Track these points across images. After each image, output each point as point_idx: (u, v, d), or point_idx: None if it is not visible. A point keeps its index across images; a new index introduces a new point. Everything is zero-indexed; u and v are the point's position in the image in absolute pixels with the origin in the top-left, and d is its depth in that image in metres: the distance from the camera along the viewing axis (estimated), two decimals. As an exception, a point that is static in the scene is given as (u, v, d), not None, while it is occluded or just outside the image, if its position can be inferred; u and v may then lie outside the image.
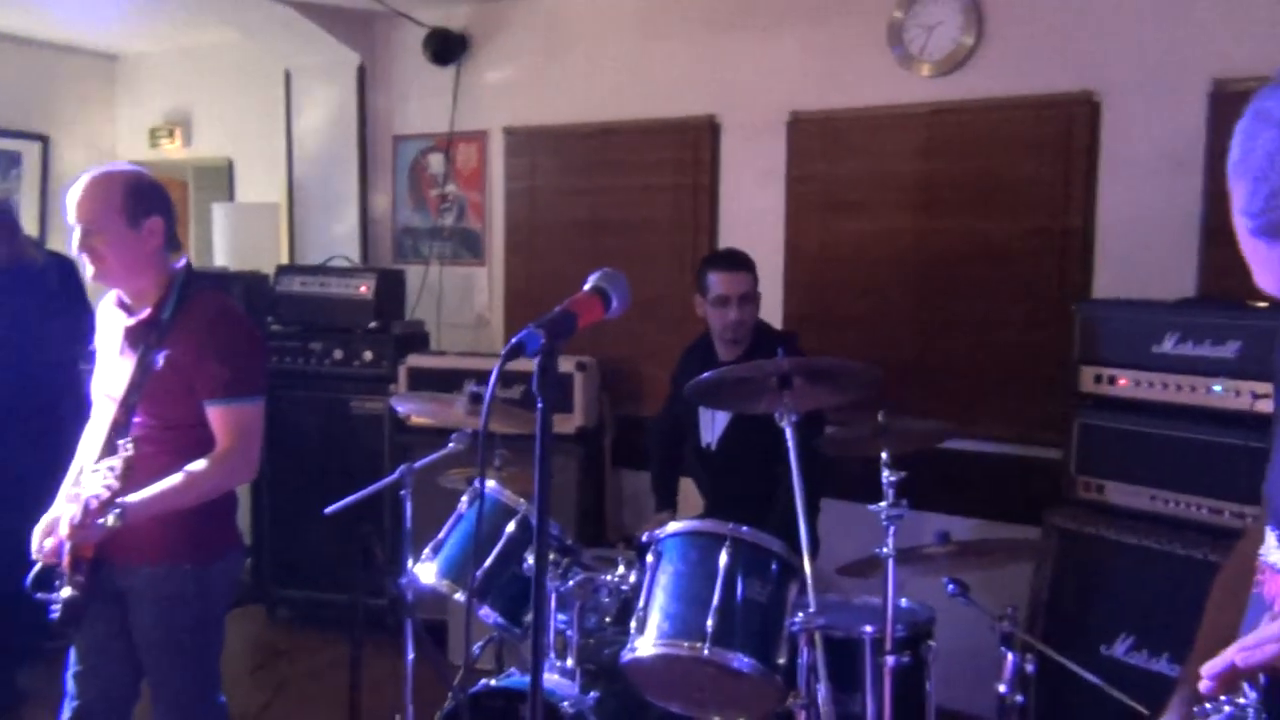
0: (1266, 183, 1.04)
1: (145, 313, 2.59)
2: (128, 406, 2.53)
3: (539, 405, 1.34)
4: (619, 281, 1.53)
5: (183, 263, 2.68)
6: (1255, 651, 0.96)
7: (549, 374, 1.34)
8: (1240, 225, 1.09)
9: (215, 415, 2.56)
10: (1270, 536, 1.29)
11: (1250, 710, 0.98)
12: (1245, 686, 1.01)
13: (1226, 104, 3.52)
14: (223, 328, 2.62)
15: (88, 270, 2.56)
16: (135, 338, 2.59)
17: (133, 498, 2.42)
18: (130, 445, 2.36)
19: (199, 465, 2.52)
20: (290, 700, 4.24)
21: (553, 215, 5.03)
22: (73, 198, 2.54)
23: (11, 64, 6.06)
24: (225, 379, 2.55)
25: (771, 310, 4.27)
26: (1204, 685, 1.00)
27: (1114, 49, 3.75)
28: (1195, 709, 1.15)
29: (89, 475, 2.45)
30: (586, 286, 1.53)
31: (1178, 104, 3.63)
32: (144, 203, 2.59)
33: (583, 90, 4.92)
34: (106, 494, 2.36)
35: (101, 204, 2.54)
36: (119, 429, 2.52)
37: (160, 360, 2.53)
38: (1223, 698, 1.07)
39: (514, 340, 1.34)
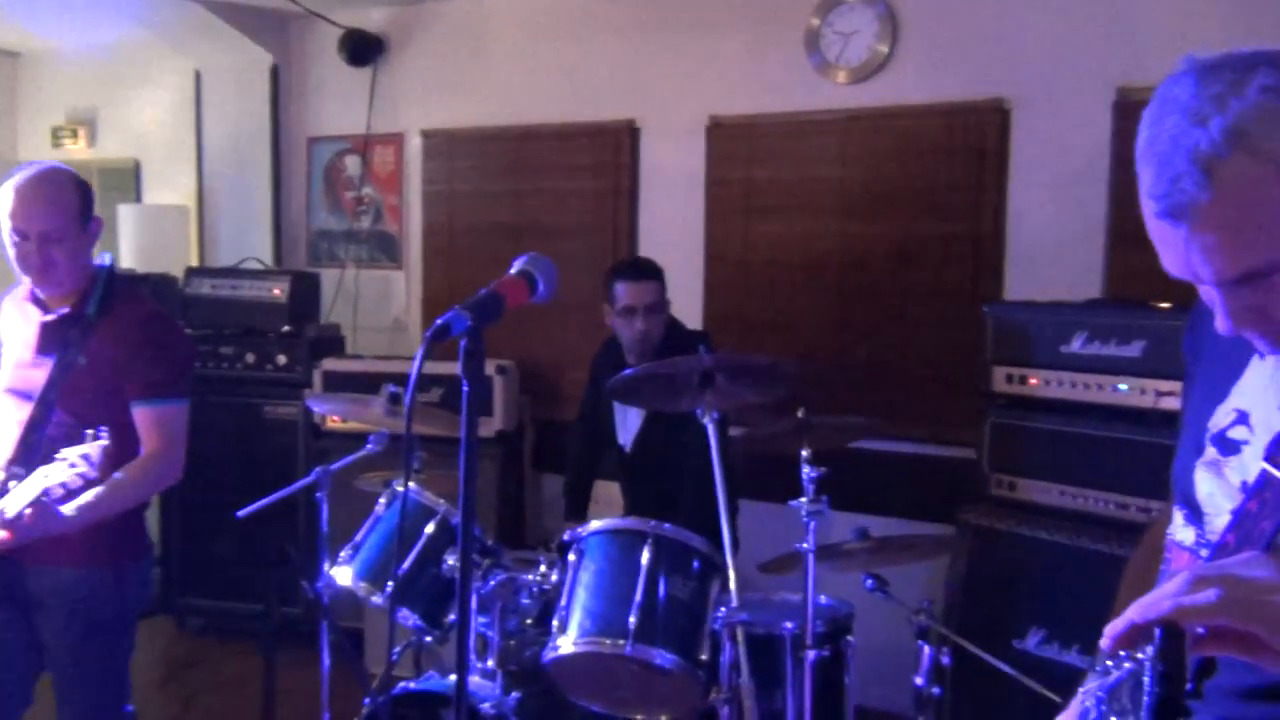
0: (1171, 166, 1.07)
1: (65, 309, 2.51)
2: (46, 404, 2.44)
3: (464, 388, 1.32)
4: (546, 266, 1.52)
5: (107, 260, 2.60)
6: (1152, 607, 0.98)
7: (475, 357, 1.32)
8: (1147, 208, 1.12)
9: (143, 416, 2.50)
10: (1177, 515, 1.33)
11: (1147, 664, 1.00)
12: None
13: (1131, 112, 3.64)
14: (155, 328, 2.58)
15: (30, 275, 2.45)
16: (54, 334, 2.49)
17: (68, 506, 2.33)
18: (105, 433, 2.26)
19: (131, 469, 2.46)
20: (200, 713, 4.13)
21: (472, 219, 4.99)
22: (28, 203, 2.43)
23: (-96, 59, 5.83)
24: (155, 380, 2.50)
25: (691, 313, 4.29)
26: (1104, 643, 1.02)
27: (1023, 58, 3.85)
28: (1096, 667, 1.17)
29: (52, 467, 2.27)
30: (513, 270, 1.51)
31: (1084, 112, 3.73)
32: (90, 203, 2.54)
33: (501, 93, 4.90)
34: (80, 483, 2.25)
35: (62, 210, 2.45)
36: (36, 427, 2.43)
37: (84, 358, 2.45)
38: (1122, 653, 1.09)
39: (439, 321, 1.32)
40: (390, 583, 2.69)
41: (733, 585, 2.43)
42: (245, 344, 4.82)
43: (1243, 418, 1.23)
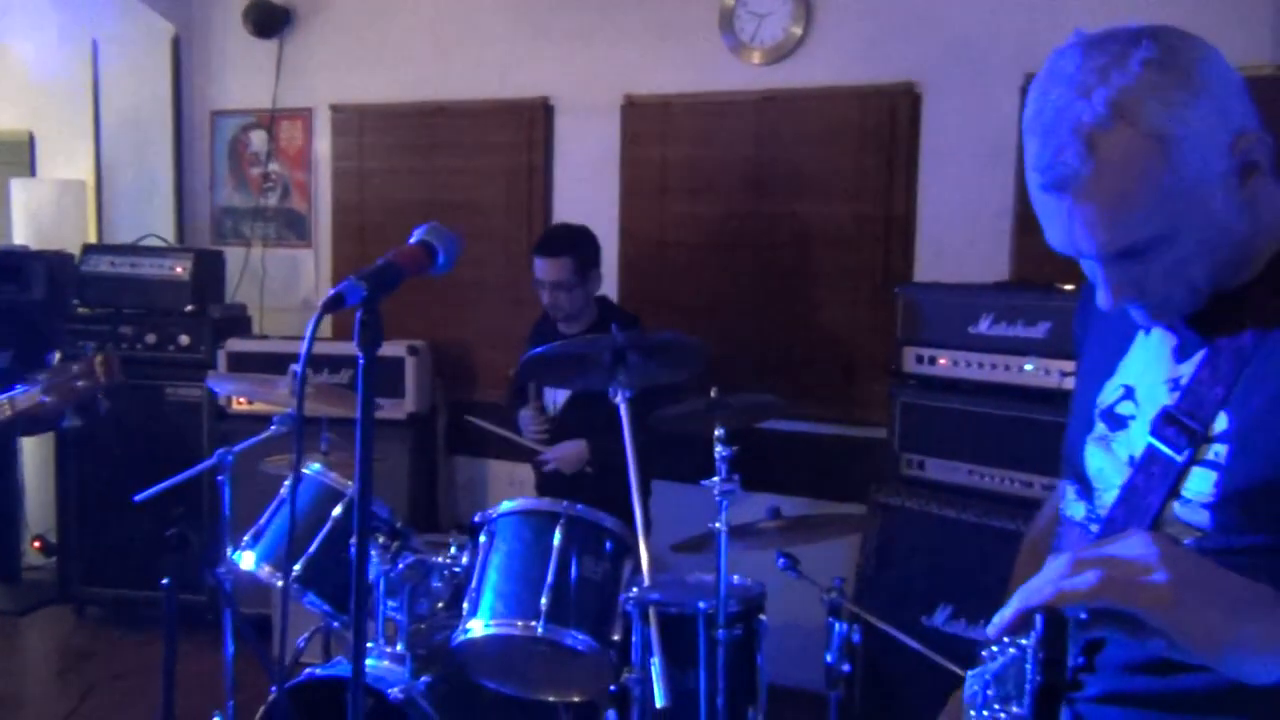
0: (1054, 138, 1.06)
1: None
2: None
3: (360, 361, 1.28)
4: (446, 236, 1.48)
5: None
6: (1035, 593, 0.99)
7: (370, 329, 1.28)
8: (1032, 181, 1.11)
9: None
10: (1069, 491, 1.35)
11: (1029, 650, 1.01)
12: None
13: (1036, 97, 3.71)
14: None
15: None
16: None
17: None
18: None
19: None
20: (100, 704, 4.00)
21: (383, 196, 4.89)
22: None
23: None
24: None
25: (607, 292, 4.27)
26: (991, 632, 1.03)
27: (933, 42, 3.89)
28: (983, 653, 1.18)
29: None
30: (412, 240, 1.47)
31: (992, 96, 3.79)
32: None
33: (414, 68, 4.80)
34: None
35: None
36: None
37: None
38: (1006, 640, 1.10)
39: (332, 291, 1.27)
40: (295, 567, 2.63)
41: (645, 565, 2.42)
42: (146, 324, 4.66)
43: (1129, 393, 1.24)
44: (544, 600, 2.32)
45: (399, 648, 2.64)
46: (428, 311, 4.66)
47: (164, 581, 2.58)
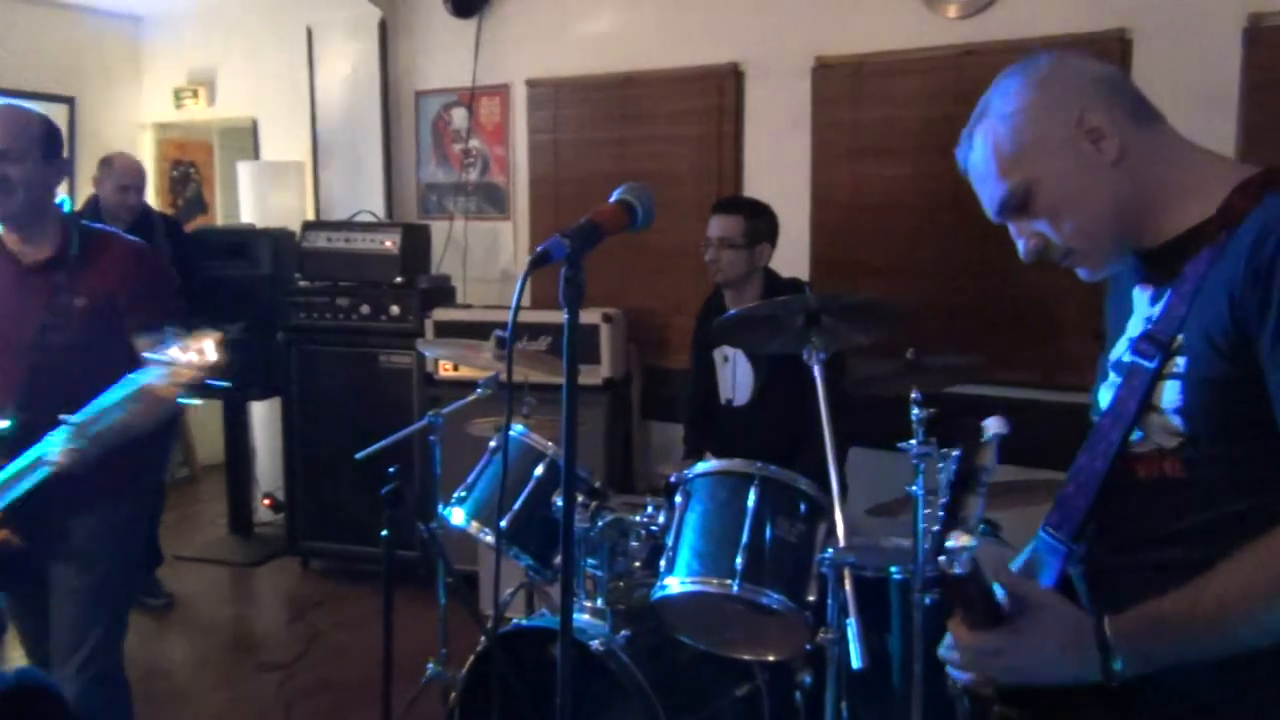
0: (988, 185, 1.47)
1: (45, 253, 2.55)
2: (44, 348, 2.48)
3: (565, 315, 1.34)
4: (645, 195, 1.52)
5: (64, 204, 2.63)
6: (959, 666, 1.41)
7: (574, 285, 1.34)
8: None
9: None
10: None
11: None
12: None
13: (1262, 39, 3.46)
14: (144, 259, 2.65)
15: None
16: (37, 278, 2.54)
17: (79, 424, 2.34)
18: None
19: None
20: (324, 651, 4.30)
21: (577, 168, 5.01)
22: None
23: (39, 27, 6.08)
24: (158, 308, 2.53)
25: (799, 258, 4.26)
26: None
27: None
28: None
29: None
30: (612, 199, 1.52)
31: (1210, 40, 3.56)
32: (57, 142, 2.58)
33: (605, 40, 4.88)
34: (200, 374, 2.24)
35: (20, 132, 2.48)
36: (39, 371, 2.48)
37: (82, 299, 2.51)
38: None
39: (539, 249, 1.34)
40: (501, 522, 2.75)
41: (840, 528, 2.42)
42: (360, 295, 4.94)
43: (1130, 344, 1.44)
44: (739, 559, 2.34)
45: (599, 603, 2.73)
46: (622, 279, 4.76)
47: (382, 533, 2.74)
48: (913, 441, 2.50)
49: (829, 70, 4.32)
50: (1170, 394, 1.33)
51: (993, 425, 1.39)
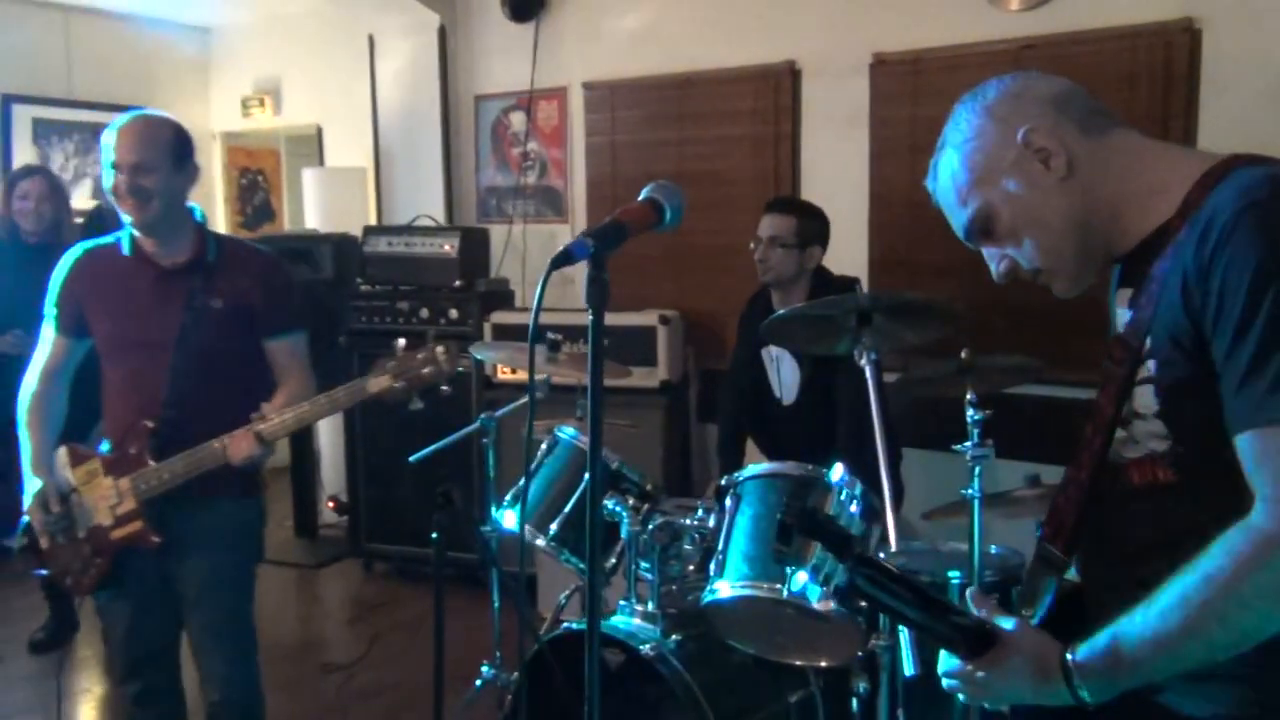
0: (954, 213, 1.51)
1: (183, 257, 2.62)
2: (186, 349, 2.57)
3: (591, 317, 1.33)
4: (672, 192, 1.51)
5: (196, 211, 2.71)
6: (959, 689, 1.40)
7: (598, 283, 1.33)
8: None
9: (282, 348, 2.70)
10: None
11: None
12: None
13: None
14: (277, 268, 2.78)
15: (129, 215, 2.54)
16: (175, 281, 2.61)
17: (270, 422, 2.51)
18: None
19: (297, 388, 2.65)
20: (385, 649, 4.35)
21: (632, 169, 5.00)
22: (118, 136, 2.52)
23: (110, 39, 6.24)
24: (288, 313, 2.74)
25: (856, 256, 4.21)
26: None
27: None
28: None
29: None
30: (640, 197, 1.51)
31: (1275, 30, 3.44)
32: (189, 148, 2.64)
33: (660, 41, 4.87)
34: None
35: (151, 142, 2.54)
36: (182, 372, 2.57)
37: (219, 301, 2.61)
38: None
39: (563, 249, 1.34)
40: (552, 526, 2.75)
41: (892, 531, 2.37)
42: (420, 299, 4.99)
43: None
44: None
45: (650, 606, 2.71)
46: (678, 281, 4.74)
47: (433, 535, 2.75)
48: (968, 444, 2.45)
49: (887, 66, 4.26)
50: (1149, 399, 1.33)
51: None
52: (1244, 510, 1.19)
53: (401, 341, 2.52)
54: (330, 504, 5.75)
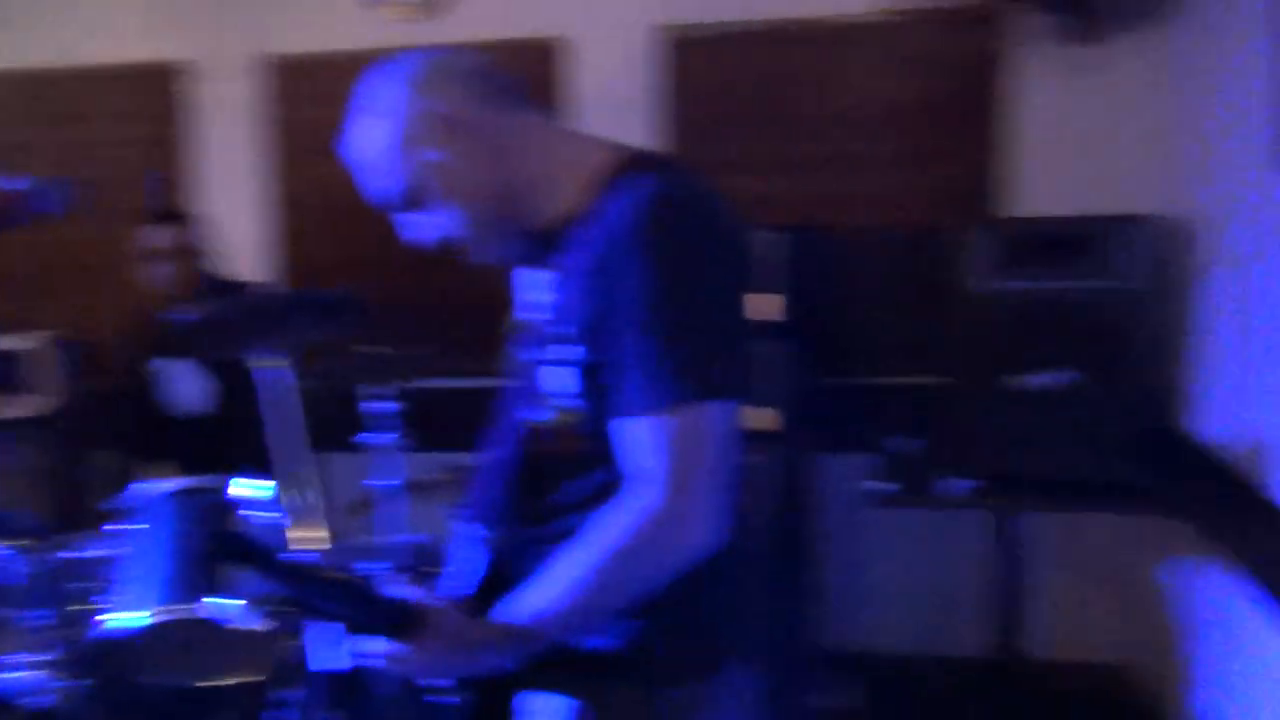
0: (377, 182, 1.50)
1: None
2: None
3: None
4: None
5: None
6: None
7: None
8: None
9: None
10: None
11: None
12: None
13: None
14: None
15: None
16: None
17: None
18: None
19: None
20: None
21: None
22: None
23: None
24: None
25: (260, 259, 4.11)
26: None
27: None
28: None
29: None
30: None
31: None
32: None
33: (44, 32, 4.34)
34: None
35: None
36: None
37: None
38: None
39: None
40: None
41: (313, 535, 2.35)
42: None
43: (515, 329, 1.62)
44: (189, 580, 2.21)
45: (49, 655, 2.42)
46: (55, 298, 4.30)
47: None
48: (371, 435, 2.49)
49: (281, 68, 4.20)
50: (558, 377, 1.42)
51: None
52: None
53: None
54: None
